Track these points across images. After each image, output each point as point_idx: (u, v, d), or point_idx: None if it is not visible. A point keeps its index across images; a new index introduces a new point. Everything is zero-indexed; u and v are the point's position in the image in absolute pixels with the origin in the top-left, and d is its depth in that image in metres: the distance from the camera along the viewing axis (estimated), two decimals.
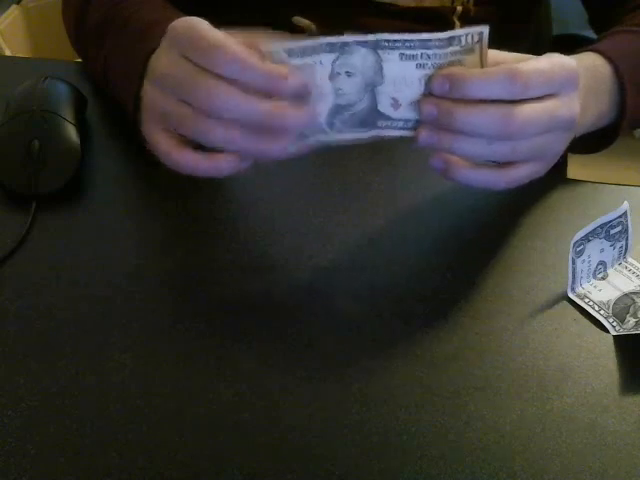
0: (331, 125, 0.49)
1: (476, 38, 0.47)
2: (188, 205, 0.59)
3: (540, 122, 0.48)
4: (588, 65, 0.55)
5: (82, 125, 0.63)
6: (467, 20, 0.73)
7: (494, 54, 0.48)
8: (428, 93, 0.48)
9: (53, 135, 0.59)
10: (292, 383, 0.46)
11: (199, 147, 0.49)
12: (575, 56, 0.54)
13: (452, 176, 0.50)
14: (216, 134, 0.46)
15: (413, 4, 0.72)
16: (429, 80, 0.48)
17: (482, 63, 0.48)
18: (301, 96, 0.47)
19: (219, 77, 0.45)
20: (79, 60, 0.74)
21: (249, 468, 0.41)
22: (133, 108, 0.54)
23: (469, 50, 0.47)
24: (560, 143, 0.52)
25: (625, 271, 0.54)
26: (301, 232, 0.57)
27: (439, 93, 0.47)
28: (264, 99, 0.46)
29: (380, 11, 0.72)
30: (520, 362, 0.48)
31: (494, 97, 0.47)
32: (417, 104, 0.48)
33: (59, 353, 0.47)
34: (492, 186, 0.51)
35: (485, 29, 0.46)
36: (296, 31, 0.71)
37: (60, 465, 0.41)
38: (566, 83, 0.49)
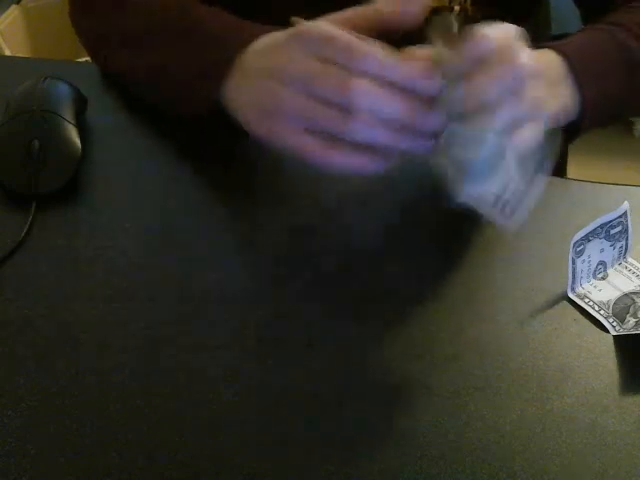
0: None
1: None
2: (188, 205, 0.59)
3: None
4: (545, 60, 0.56)
5: (82, 125, 0.63)
6: (466, 19, 0.73)
7: None
8: None
9: (53, 135, 0.59)
10: (292, 383, 0.46)
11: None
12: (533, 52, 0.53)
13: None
14: (363, 129, 0.47)
15: None
16: None
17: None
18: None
19: (364, 75, 0.46)
20: (79, 60, 0.74)
21: (249, 468, 0.41)
22: (215, 108, 0.55)
23: None
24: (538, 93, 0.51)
25: (625, 271, 0.54)
26: (301, 231, 0.57)
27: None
28: (402, 96, 0.46)
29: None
30: (520, 362, 0.48)
31: None
32: None
33: (59, 353, 0.47)
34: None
35: None
36: None
37: (60, 465, 0.41)
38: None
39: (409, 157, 0.49)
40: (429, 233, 0.57)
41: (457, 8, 0.73)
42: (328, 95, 0.47)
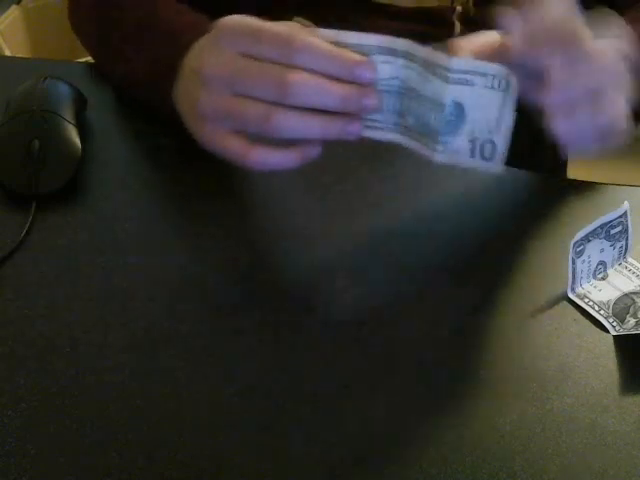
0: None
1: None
2: (188, 205, 0.59)
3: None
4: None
5: (82, 125, 0.63)
6: (467, 20, 0.73)
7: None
8: None
9: (53, 135, 0.59)
10: (292, 383, 0.46)
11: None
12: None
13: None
14: (293, 124, 0.46)
15: (412, 5, 0.72)
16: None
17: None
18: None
19: (289, 66, 0.45)
20: (79, 60, 0.74)
21: (249, 468, 0.41)
22: (171, 111, 0.55)
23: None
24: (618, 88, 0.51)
25: (625, 271, 0.54)
26: (301, 233, 0.57)
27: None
28: (339, 83, 0.46)
29: (379, 11, 0.72)
30: (520, 362, 0.48)
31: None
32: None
33: (59, 353, 0.47)
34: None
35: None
36: None
37: (60, 465, 0.41)
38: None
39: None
40: (428, 233, 0.57)
41: (459, 8, 0.73)
42: (256, 92, 0.46)
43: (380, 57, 0.47)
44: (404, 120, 0.49)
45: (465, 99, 0.47)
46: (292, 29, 0.47)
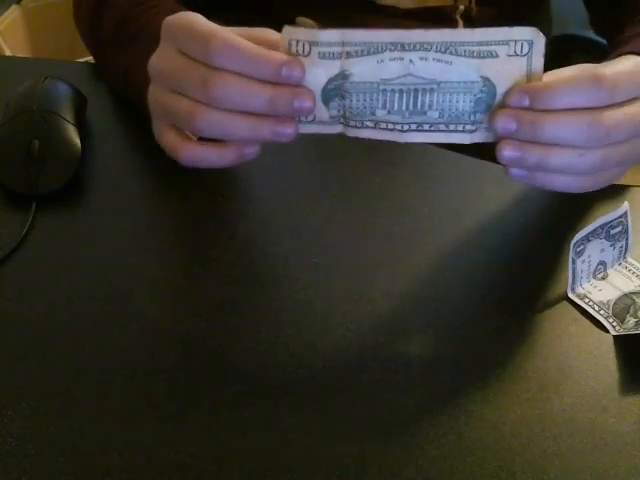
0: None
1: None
2: (188, 205, 0.59)
3: (626, 127, 0.45)
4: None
5: (82, 125, 0.63)
6: (469, 19, 0.74)
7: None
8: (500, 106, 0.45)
9: (53, 135, 0.59)
10: (292, 383, 0.46)
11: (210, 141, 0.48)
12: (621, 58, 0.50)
13: (541, 182, 0.46)
14: (217, 124, 0.45)
15: (415, 5, 0.73)
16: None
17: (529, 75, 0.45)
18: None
19: (215, 66, 0.44)
20: (79, 60, 0.74)
21: (249, 468, 0.41)
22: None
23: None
24: None
25: (625, 271, 0.54)
26: (301, 232, 0.57)
27: (516, 105, 0.44)
28: (266, 85, 0.44)
29: (382, 12, 0.72)
30: (520, 362, 0.48)
31: (579, 105, 0.44)
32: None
33: (59, 353, 0.47)
34: (576, 190, 0.48)
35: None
36: None
37: (60, 465, 0.41)
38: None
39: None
40: (428, 233, 0.57)
41: (462, 8, 0.73)
42: (185, 90, 0.46)
43: (389, 54, 0.44)
44: (425, 117, 0.46)
45: (492, 72, 0.44)
46: (219, 30, 0.45)
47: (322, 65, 0.44)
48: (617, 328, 0.50)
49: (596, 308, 0.51)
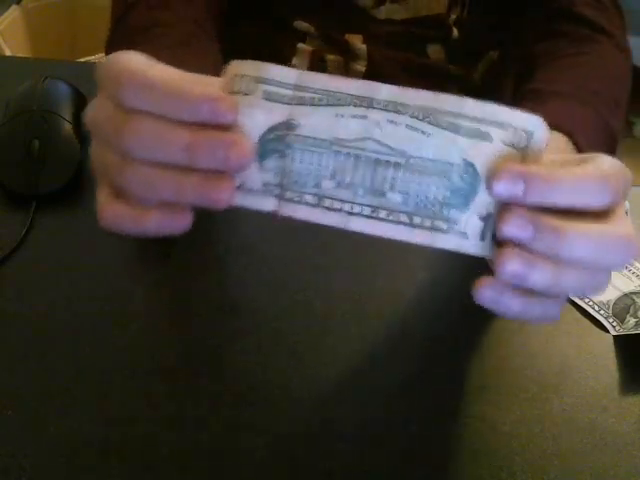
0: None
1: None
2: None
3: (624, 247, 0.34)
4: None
5: (82, 125, 0.63)
6: (462, 26, 0.74)
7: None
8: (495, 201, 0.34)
9: (53, 135, 0.59)
10: (292, 383, 0.46)
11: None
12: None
13: (505, 308, 0.35)
14: (140, 181, 0.35)
15: (409, 15, 0.73)
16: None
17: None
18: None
19: (128, 108, 0.35)
20: (79, 60, 0.73)
21: (249, 468, 0.41)
22: None
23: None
24: None
25: (625, 271, 0.54)
26: (301, 232, 0.57)
27: (503, 194, 0.33)
28: (184, 128, 0.34)
29: (378, 20, 0.72)
30: (520, 362, 0.48)
31: (581, 207, 0.33)
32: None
33: (59, 353, 0.47)
34: (548, 320, 0.36)
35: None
36: (297, 34, 0.71)
37: (60, 465, 0.41)
38: (623, 195, 0.36)
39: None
40: None
41: (454, 17, 0.74)
42: (107, 142, 0.37)
43: (351, 109, 0.34)
44: (384, 200, 0.35)
45: (480, 159, 0.34)
46: (138, 67, 0.35)
47: (265, 107, 0.34)
48: (617, 328, 0.50)
49: (596, 308, 0.51)
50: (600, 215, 0.34)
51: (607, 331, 0.50)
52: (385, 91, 0.34)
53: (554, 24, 0.65)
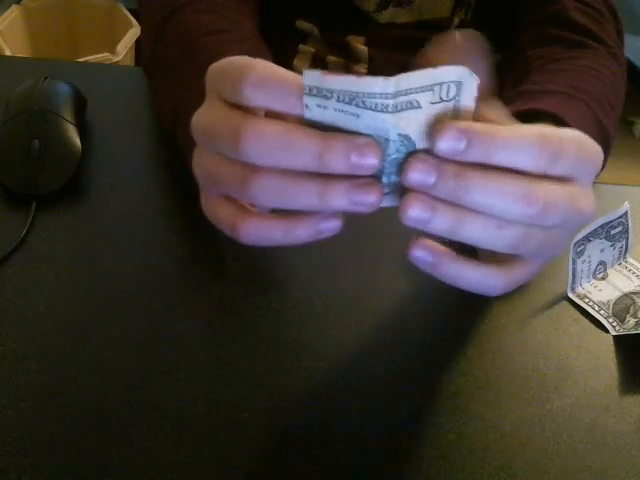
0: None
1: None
2: (188, 205, 0.59)
3: (563, 210, 0.35)
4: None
5: (82, 125, 0.63)
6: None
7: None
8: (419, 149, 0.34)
9: (53, 135, 0.59)
10: (292, 383, 0.46)
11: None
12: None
13: (442, 272, 0.37)
14: (274, 190, 0.34)
15: (412, 19, 0.73)
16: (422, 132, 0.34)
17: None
18: None
19: (249, 106, 0.34)
20: (79, 60, 0.73)
21: (249, 468, 0.41)
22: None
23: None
24: (566, 240, 0.39)
25: (625, 271, 0.54)
26: None
27: (445, 151, 0.33)
28: (313, 129, 0.33)
29: (379, 24, 0.72)
30: (520, 362, 0.48)
31: (519, 167, 0.34)
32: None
33: (59, 353, 0.47)
34: (486, 290, 0.38)
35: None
36: (298, 35, 0.71)
37: (60, 465, 0.41)
38: (590, 170, 0.37)
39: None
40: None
41: (457, 20, 0.74)
42: (223, 150, 0.35)
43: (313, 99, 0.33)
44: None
45: (412, 127, 0.34)
46: (256, 62, 0.34)
47: None
48: (617, 328, 0.50)
49: (596, 308, 0.51)
50: (563, 182, 0.35)
51: (607, 331, 0.50)
52: (309, 77, 0.33)
53: (549, 29, 0.66)
